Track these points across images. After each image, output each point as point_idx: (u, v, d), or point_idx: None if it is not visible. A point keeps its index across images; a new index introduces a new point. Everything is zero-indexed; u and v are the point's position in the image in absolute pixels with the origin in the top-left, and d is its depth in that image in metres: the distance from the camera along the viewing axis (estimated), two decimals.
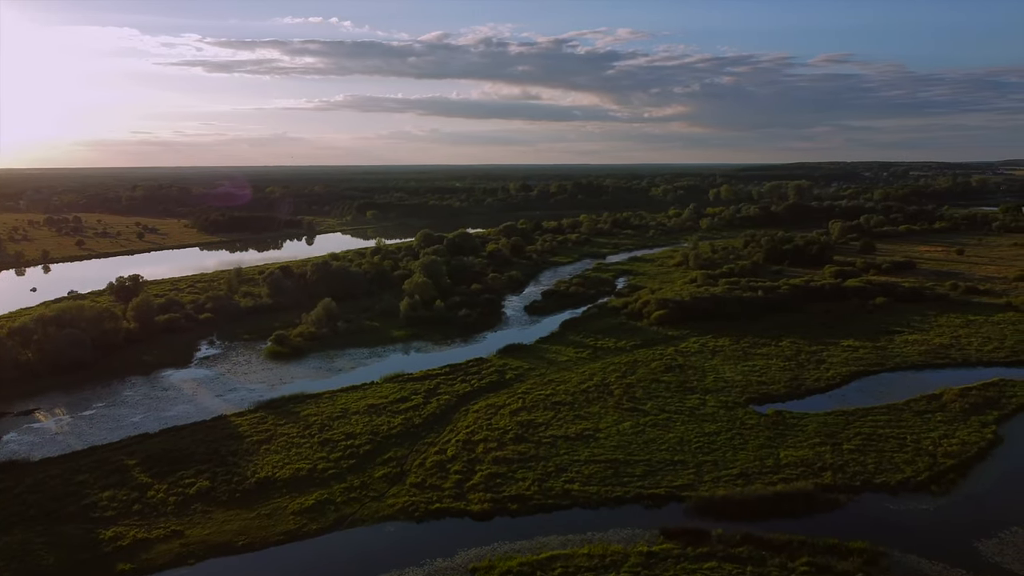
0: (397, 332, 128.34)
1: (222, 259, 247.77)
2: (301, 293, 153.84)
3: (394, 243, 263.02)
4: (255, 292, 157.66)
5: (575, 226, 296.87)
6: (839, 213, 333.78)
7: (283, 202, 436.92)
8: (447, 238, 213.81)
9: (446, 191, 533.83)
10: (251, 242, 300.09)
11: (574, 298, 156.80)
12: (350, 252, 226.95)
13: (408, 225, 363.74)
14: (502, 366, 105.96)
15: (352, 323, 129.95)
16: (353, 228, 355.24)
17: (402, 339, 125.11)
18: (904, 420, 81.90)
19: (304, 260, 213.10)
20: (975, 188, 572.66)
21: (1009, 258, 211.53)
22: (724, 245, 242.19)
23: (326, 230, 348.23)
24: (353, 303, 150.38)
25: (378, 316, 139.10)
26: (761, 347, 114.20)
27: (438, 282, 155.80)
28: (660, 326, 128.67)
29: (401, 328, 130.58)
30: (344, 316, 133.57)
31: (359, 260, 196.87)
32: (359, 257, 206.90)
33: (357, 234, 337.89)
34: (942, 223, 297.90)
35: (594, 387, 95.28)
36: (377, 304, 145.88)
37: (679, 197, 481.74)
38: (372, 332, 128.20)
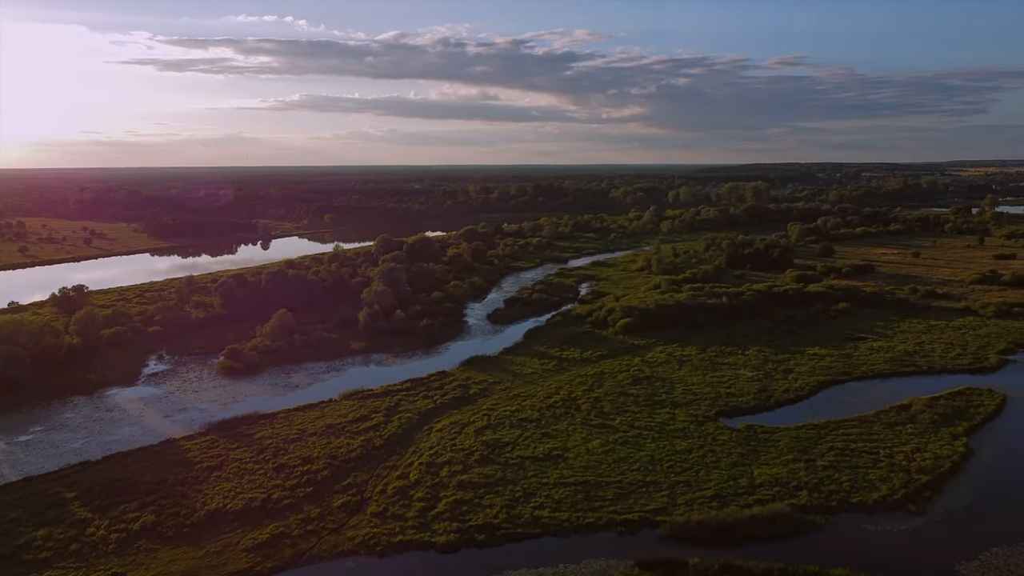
0: (356, 344, 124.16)
1: (174, 265, 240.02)
2: (255, 303, 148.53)
3: (352, 248, 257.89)
4: (207, 302, 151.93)
5: (536, 229, 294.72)
6: (796, 215, 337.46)
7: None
8: (407, 243, 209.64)
9: (405, 193, 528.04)
10: (204, 247, 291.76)
11: (537, 305, 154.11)
12: (307, 258, 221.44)
13: (367, 229, 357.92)
14: (466, 380, 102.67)
15: (309, 335, 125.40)
16: (310, 232, 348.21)
17: (361, 351, 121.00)
18: (876, 433, 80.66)
19: (259, 266, 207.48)
20: (925, 189, 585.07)
21: (963, 260, 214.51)
22: (685, 248, 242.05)
23: (282, 234, 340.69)
24: (310, 313, 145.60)
25: (336, 327, 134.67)
26: (728, 356, 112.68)
27: (398, 290, 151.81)
28: (626, 335, 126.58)
29: (360, 339, 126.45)
30: (301, 327, 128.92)
31: (316, 267, 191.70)
32: (316, 264, 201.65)
33: (315, 238, 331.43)
34: (896, 225, 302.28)
35: (561, 402, 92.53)
36: (335, 314, 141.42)
37: (639, 199, 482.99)
38: (330, 344, 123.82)
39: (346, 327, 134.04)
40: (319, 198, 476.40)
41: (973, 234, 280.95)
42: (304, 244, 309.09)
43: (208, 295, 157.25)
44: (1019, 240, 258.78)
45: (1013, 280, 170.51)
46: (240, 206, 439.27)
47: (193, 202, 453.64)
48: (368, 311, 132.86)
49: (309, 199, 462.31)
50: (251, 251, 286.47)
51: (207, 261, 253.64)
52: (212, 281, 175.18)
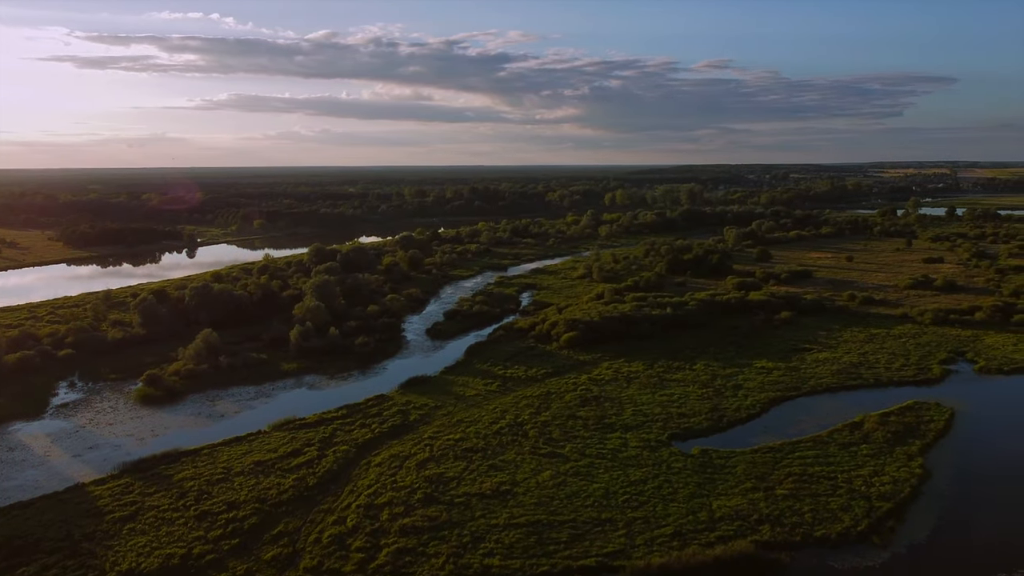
0: (287, 365, 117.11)
1: (93, 276, 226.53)
2: (178, 321, 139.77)
3: (284, 256, 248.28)
4: (126, 320, 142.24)
5: (474, 235, 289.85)
6: (732, 219, 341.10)
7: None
8: (340, 253, 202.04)
9: (338, 197, 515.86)
10: (125, 256, 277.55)
11: (478, 318, 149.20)
12: (235, 268, 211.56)
13: (299, 235, 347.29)
14: (405, 404, 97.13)
15: (236, 356, 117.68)
16: (239, 239, 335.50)
17: (293, 373, 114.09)
18: (831, 455, 78.48)
19: (183, 278, 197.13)
20: (851, 191, 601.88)
21: (894, 264, 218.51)
22: (625, 254, 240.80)
23: (209, 241, 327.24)
24: (238, 330, 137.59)
25: (266, 346, 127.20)
26: (676, 372, 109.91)
27: (331, 305, 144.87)
28: (570, 349, 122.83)
29: (292, 360, 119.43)
30: (228, 348, 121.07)
31: (245, 279, 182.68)
32: (245, 275, 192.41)
33: (244, 245, 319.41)
34: (828, 228, 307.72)
35: (507, 427, 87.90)
36: (265, 331, 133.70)
37: (576, 202, 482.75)
38: (259, 366, 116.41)
39: (277, 346, 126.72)
40: (248, 202, 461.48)
41: (901, 236, 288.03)
42: (233, 252, 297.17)
43: (127, 312, 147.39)
44: (944, 243, 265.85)
45: (944, 285, 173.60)
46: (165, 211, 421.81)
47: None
48: (300, 329, 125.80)
49: (238, 203, 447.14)
50: (176, 260, 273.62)
51: (128, 272, 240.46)
52: (132, 296, 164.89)
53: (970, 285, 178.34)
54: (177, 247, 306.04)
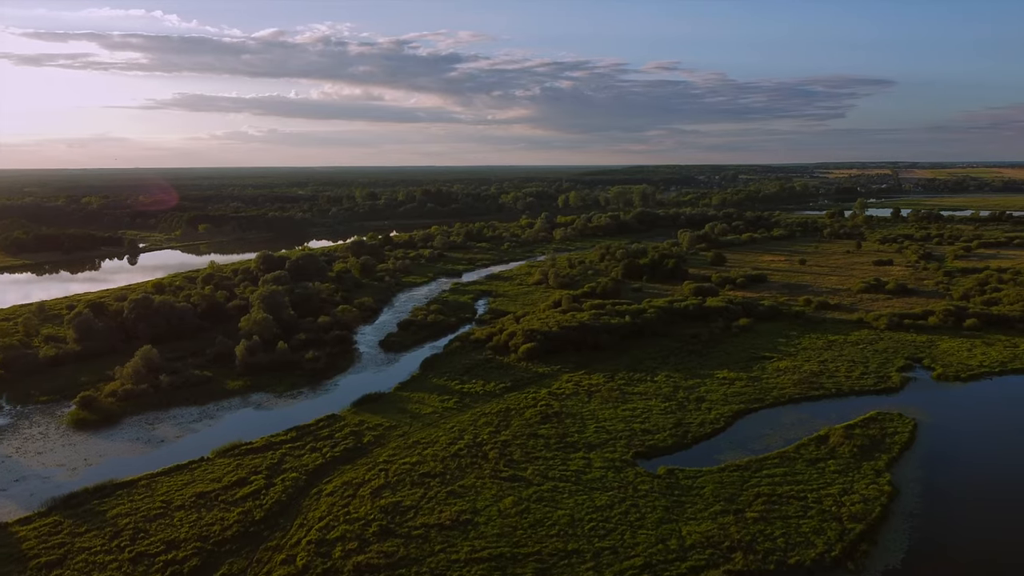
0: (233, 383, 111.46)
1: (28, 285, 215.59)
2: (116, 335, 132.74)
3: (230, 262, 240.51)
4: (60, 335, 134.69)
5: (427, 239, 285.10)
6: (685, 221, 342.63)
7: None
8: (289, 260, 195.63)
9: (287, 200, 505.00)
10: (62, 264, 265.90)
11: (433, 328, 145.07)
12: (178, 276, 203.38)
13: (246, 239, 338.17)
14: (358, 425, 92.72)
15: (179, 374, 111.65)
16: (184, 244, 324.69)
17: (239, 392, 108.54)
18: (799, 473, 76.64)
19: (124, 288, 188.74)
20: (799, 192, 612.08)
21: (846, 267, 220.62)
22: (580, 258, 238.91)
23: (152, 247, 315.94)
24: (181, 345, 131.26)
25: (211, 362, 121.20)
26: (637, 384, 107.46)
27: (280, 316, 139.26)
28: (529, 361, 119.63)
29: (238, 377, 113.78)
30: (169, 365, 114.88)
31: (189, 288, 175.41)
32: (189, 284, 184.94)
33: (189, 250, 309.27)
34: (779, 231, 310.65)
35: (466, 448, 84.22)
36: (209, 346, 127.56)
37: (529, 204, 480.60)
38: (203, 385, 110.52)
39: (222, 362, 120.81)
40: (194, 206, 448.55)
41: (850, 238, 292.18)
42: (177, 258, 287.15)
43: (61, 326, 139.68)
44: (892, 245, 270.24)
45: (896, 289, 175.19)
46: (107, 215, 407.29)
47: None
48: (247, 343, 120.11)
49: (183, 207, 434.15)
50: (117, 267, 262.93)
51: (65, 280, 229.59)
52: (68, 308, 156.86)
53: (921, 288, 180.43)
54: (118, 253, 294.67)
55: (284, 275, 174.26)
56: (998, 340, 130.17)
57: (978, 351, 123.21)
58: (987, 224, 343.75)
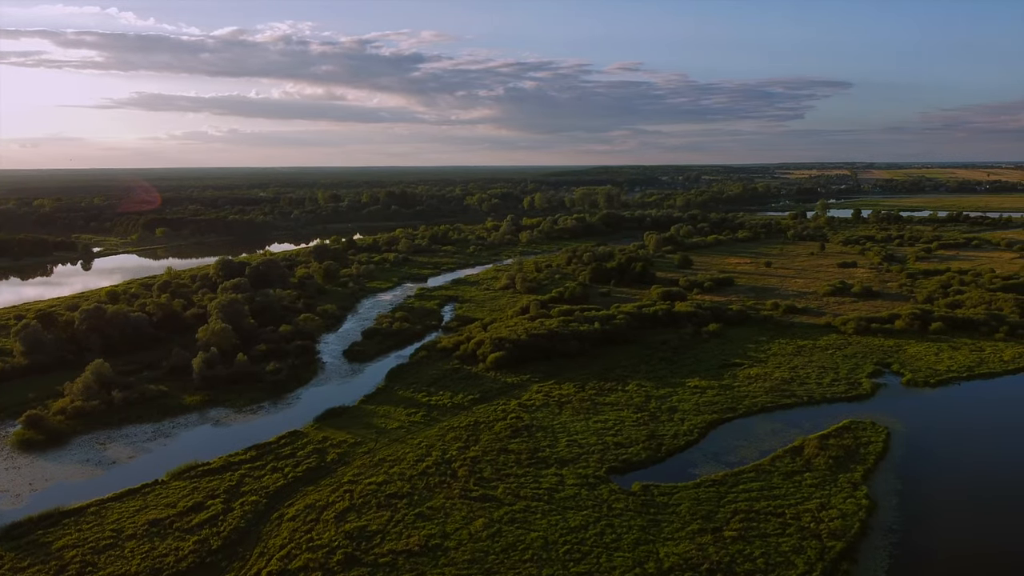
0: (190, 398, 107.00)
1: None
2: (67, 348, 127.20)
3: (188, 268, 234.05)
4: (6, 348, 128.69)
5: (392, 243, 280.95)
6: (651, 223, 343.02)
7: None
8: (249, 266, 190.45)
9: (248, 202, 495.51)
10: (11, 270, 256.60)
11: (399, 337, 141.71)
12: (134, 284, 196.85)
13: (205, 243, 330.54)
14: (322, 442, 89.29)
15: (132, 389, 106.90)
16: (140, 248, 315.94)
17: (197, 407, 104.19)
18: (776, 487, 75.12)
19: (76, 296, 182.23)
20: (761, 193, 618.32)
21: (811, 270, 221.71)
22: (547, 262, 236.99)
23: (108, 252, 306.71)
24: (135, 358, 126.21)
25: (167, 375, 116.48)
26: (609, 394, 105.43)
27: (239, 326, 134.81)
28: (498, 371, 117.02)
29: (195, 392, 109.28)
30: (122, 379, 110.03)
31: (144, 296, 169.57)
32: (144, 292, 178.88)
33: (145, 255, 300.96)
34: (744, 232, 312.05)
35: (434, 466, 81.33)
36: (165, 358, 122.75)
37: (495, 206, 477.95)
38: (158, 400, 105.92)
39: (178, 375, 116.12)
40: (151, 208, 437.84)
41: (813, 240, 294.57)
42: (133, 263, 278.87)
43: (8, 338, 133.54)
44: (855, 246, 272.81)
45: (862, 292, 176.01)
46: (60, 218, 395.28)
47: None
48: (204, 355, 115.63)
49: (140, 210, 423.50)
50: (70, 273, 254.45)
51: (15, 287, 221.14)
52: (16, 318, 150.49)
53: (885, 291, 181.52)
54: (71, 258, 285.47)
55: (244, 282, 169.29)
56: (964, 344, 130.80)
57: (945, 355, 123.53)
58: (945, 225, 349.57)
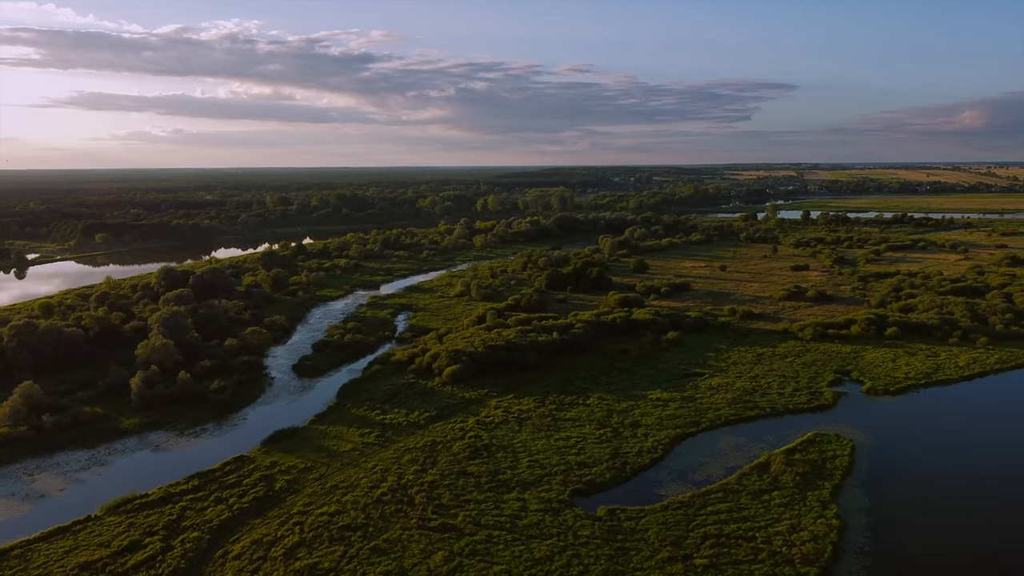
0: (128, 421, 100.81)
1: None
2: None
3: (130, 276, 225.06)
4: None
5: (343, 248, 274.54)
6: (605, 226, 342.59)
7: None
8: (194, 275, 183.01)
9: (193, 206, 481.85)
10: None
11: (351, 349, 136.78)
12: (70, 295, 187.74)
13: (148, 249, 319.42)
14: (270, 467, 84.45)
15: (65, 412, 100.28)
16: (79, 255, 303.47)
17: (135, 431, 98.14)
18: (745, 508, 72.92)
19: (6, 308, 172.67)
20: (712, 194, 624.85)
21: (765, 272, 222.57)
22: (502, 267, 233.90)
23: (45, 259, 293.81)
24: (70, 377, 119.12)
25: (103, 396, 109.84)
26: (570, 408, 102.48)
27: (182, 341, 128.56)
28: (454, 385, 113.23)
29: (134, 414, 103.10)
30: (54, 402, 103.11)
31: (80, 309, 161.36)
32: (81, 303, 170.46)
33: (84, 262, 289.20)
34: (697, 235, 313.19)
35: (390, 492, 77.26)
36: (102, 377, 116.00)
37: (448, 209, 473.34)
38: (93, 424, 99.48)
39: (116, 395, 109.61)
40: (91, 213, 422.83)
41: (766, 242, 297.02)
42: (71, 270, 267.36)
43: None
44: (806, 249, 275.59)
45: (816, 296, 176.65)
46: None
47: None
48: (144, 374, 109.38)
49: (78, 214, 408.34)
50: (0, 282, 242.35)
51: None
52: None
53: (839, 295, 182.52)
54: (3, 266, 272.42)
55: (187, 293, 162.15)
56: (919, 349, 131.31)
57: (902, 362, 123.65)
58: (891, 226, 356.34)
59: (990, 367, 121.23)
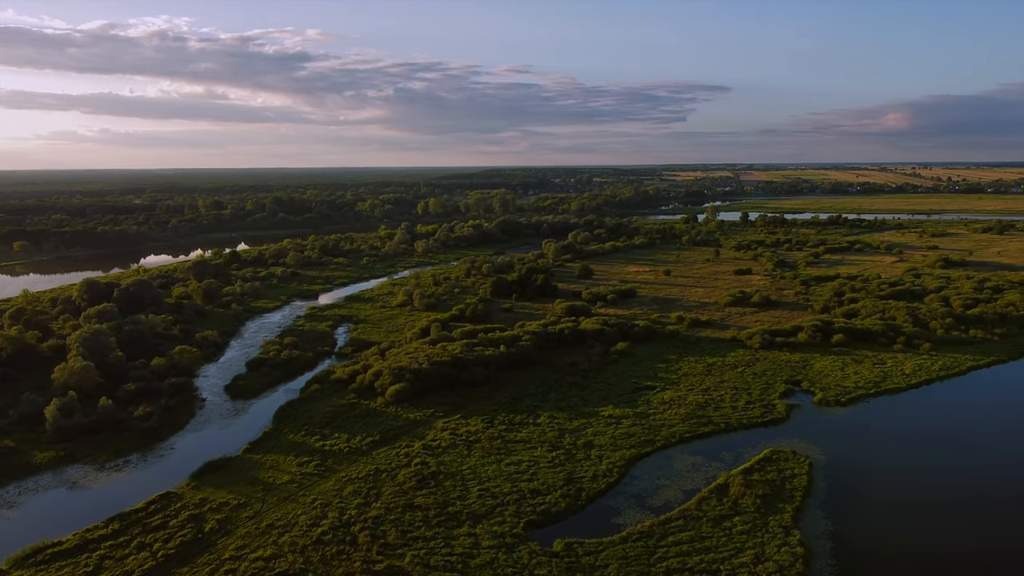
0: (42, 455, 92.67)
1: None
2: None
3: (50, 288, 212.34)
4: None
5: (280, 255, 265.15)
6: (548, 230, 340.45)
7: None
8: (119, 288, 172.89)
9: (121, 211, 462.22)
10: None
11: (288, 367, 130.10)
12: None
13: (71, 258, 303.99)
14: (199, 504, 78.10)
15: None
16: None
17: (50, 466, 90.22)
18: (707, 536, 69.92)
19: None
20: (653, 196, 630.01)
21: (709, 277, 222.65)
22: (445, 273, 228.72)
23: None
24: None
25: (14, 427, 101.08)
26: (520, 429, 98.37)
27: (105, 362, 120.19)
28: (398, 405, 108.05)
29: (49, 446, 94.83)
30: None
31: None
32: None
33: (1, 272, 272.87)
34: (640, 239, 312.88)
35: (331, 531, 71.89)
36: (14, 405, 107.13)
37: (388, 212, 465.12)
38: (2, 459, 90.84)
39: (30, 425, 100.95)
40: (10, 219, 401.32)
41: (707, 245, 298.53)
42: None
43: None
44: (748, 252, 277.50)
45: (762, 302, 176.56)
46: None
47: None
48: (60, 401, 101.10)
49: None
50: None
51: None
52: None
53: (783, 299, 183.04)
54: None
55: (111, 308, 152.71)
56: (865, 357, 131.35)
57: (851, 370, 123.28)
58: (827, 228, 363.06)
59: (935, 374, 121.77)
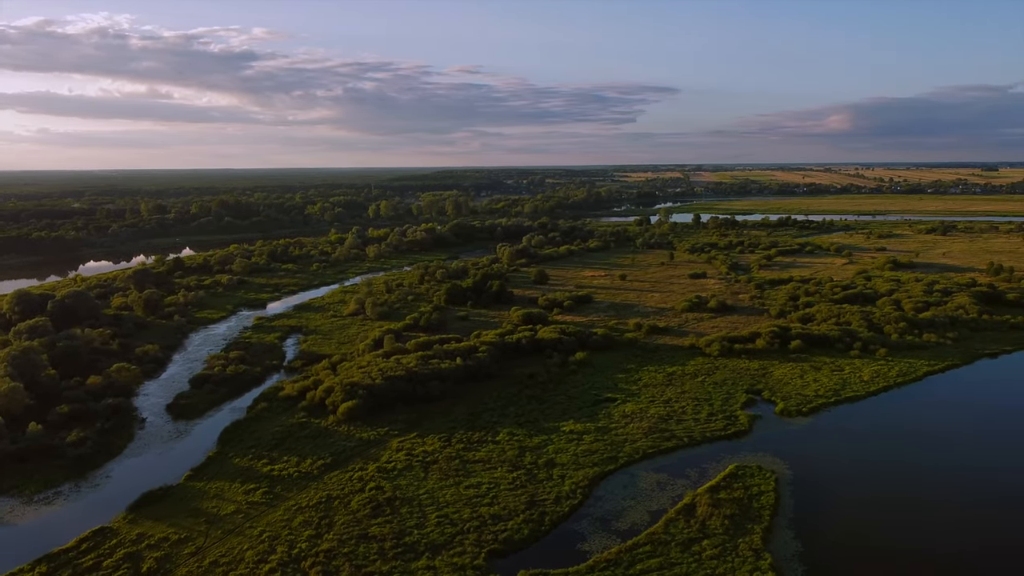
0: None
1: None
2: None
3: None
4: None
5: (226, 262, 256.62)
6: (502, 233, 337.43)
7: None
8: (53, 300, 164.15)
9: (58, 215, 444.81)
10: None
11: (234, 383, 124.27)
12: None
13: (3, 266, 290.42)
14: (136, 541, 72.73)
15: None
16: None
17: None
18: (676, 563, 67.27)
19: None
20: (605, 198, 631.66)
21: (664, 281, 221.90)
22: (398, 280, 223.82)
23: None
24: None
25: None
26: (479, 447, 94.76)
27: (35, 382, 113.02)
28: (351, 424, 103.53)
29: None
30: None
31: None
32: None
33: None
34: (595, 242, 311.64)
35: (279, 568, 67.35)
36: None
37: (338, 215, 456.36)
38: None
39: None
40: None
41: (661, 248, 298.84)
42: None
43: None
44: (702, 255, 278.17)
45: (718, 307, 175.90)
46: None
47: None
48: None
49: None
50: None
51: None
52: None
53: (739, 304, 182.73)
54: None
55: (44, 322, 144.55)
56: (824, 363, 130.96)
57: (810, 378, 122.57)
58: (777, 230, 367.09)
59: (893, 380, 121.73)
